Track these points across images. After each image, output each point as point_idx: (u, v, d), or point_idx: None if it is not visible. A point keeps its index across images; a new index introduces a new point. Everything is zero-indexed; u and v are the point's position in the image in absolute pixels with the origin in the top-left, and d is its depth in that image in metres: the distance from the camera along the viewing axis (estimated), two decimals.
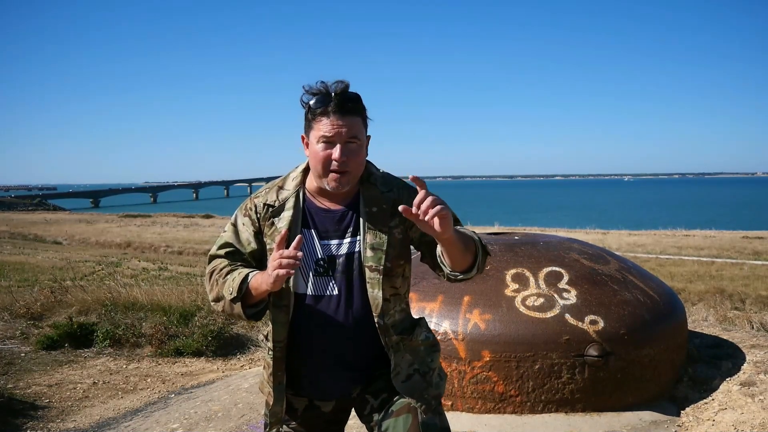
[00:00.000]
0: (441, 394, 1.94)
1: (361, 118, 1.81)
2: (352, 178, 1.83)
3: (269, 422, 1.95)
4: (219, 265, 1.88)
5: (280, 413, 1.93)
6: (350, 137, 1.77)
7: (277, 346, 1.87)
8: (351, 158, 1.79)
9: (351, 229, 1.87)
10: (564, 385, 3.57)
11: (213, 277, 1.86)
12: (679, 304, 4.27)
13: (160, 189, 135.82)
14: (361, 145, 1.81)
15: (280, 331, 1.86)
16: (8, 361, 5.45)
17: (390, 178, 1.95)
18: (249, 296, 1.78)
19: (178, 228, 39.50)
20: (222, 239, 1.93)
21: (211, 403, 4.43)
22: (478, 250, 1.80)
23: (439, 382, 1.95)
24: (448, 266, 1.78)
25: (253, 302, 1.80)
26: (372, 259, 1.83)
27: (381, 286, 1.83)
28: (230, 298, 1.77)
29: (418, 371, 1.90)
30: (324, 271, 1.86)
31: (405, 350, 1.90)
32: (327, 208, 1.88)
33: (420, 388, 1.88)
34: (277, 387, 1.90)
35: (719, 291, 13.59)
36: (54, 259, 20.56)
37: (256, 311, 1.83)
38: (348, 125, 1.77)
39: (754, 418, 3.47)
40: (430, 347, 1.97)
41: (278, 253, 1.66)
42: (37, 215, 56.08)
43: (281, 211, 1.87)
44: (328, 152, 1.77)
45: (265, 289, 1.71)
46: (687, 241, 26.58)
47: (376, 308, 1.84)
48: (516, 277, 3.88)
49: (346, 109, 1.77)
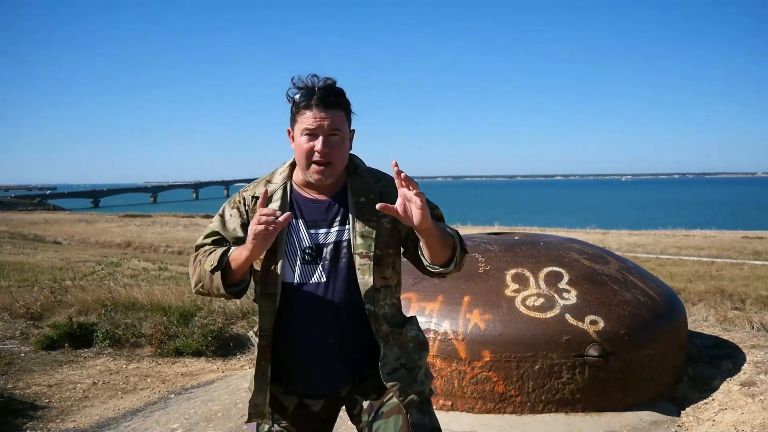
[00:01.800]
0: (425, 392, 1.93)
1: (344, 112, 1.86)
2: (335, 170, 1.86)
3: (249, 413, 1.93)
4: (203, 250, 1.91)
5: (262, 406, 1.91)
6: (332, 130, 1.82)
7: (263, 334, 1.88)
8: (333, 150, 1.83)
9: (339, 218, 1.90)
10: (564, 386, 3.57)
11: (196, 260, 1.89)
12: (679, 304, 4.27)
13: (160, 189, 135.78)
14: (343, 138, 1.86)
15: (266, 320, 1.87)
16: (8, 361, 5.45)
17: (377, 171, 2.00)
18: (230, 272, 1.80)
19: (178, 228, 39.49)
20: (208, 229, 1.96)
21: (211, 403, 4.43)
22: (456, 246, 1.86)
23: (425, 381, 1.95)
24: (428, 258, 1.84)
25: (234, 280, 1.82)
26: (362, 246, 1.86)
27: (372, 273, 1.85)
28: (210, 269, 1.80)
29: (405, 366, 1.90)
30: (311, 259, 1.88)
31: (394, 343, 1.91)
32: (315, 198, 1.92)
33: (404, 383, 1.88)
34: (260, 377, 1.90)
35: (719, 291, 13.58)
36: (54, 259, 20.55)
37: (237, 290, 1.85)
38: (330, 118, 1.81)
39: (755, 419, 3.47)
40: (419, 345, 1.97)
41: (259, 211, 1.70)
42: (37, 215, 56.05)
43: (269, 203, 1.89)
44: (311, 144, 1.82)
45: (245, 255, 1.74)
46: (687, 241, 26.57)
47: (366, 294, 1.85)
48: (516, 277, 3.88)
49: (328, 102, 1.81)
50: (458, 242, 1.87)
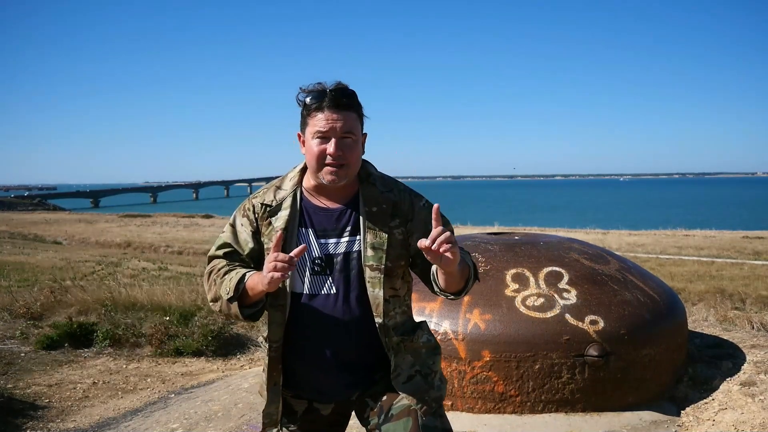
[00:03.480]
0: (442, 397, 1.93)
1: (356, 115, 1.82)
2: (349, 172, 1.82)
3: (263, 423, 1.93)
4: (217, 265, 1.88)
5: (275, 415, 1.91)
6: (345, 132, 1.78)
7: (273, 346, 1.86)
8: (346, 153, 1.79)
9: (350, 228, 1.86)
10: (564, 385, 3.57)
11: (211, 277, 1.87)
12: (680, 304, 4.27)
13: (160, 189, 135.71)
14: (356, 140, 1.81)
15: (276, 331, 1.85)
16: (8, 361, 5.44)
17: (390, 179, 1.95)
18: (246, 296, 1.78)
19: (178, 228, 39.47)
20: (221, 240, 1.93)
21: (211, 403, 4.43)
22: (470, 277, 1.85)
23: (441, 385, 1.94)
24: (441, 286, 1.82)
25: (250, 302, 1.80)
26: (373, 258, 1.82)
27: (382, 286, 1.82)
28: (227, 298, 1.77)
29: (420, 372, 1.89)
30: (321, 270, 1.85)
31: (406, 351, 1.89)
32: (325, 206, 1.88)
33: (421, 390, 1.87)
34: (272, 388, 1.89)
35: (719, 291, 13.57)
36: (54, 259, 20.55)
37: (253, 312, 1.82)
38: (343, 120, 1.77)
39: (755, 418, 3.47)
40: (432, 350, 1.96)
41: (273, 255, 1.65)
42: (37, 215, 56.02)
43: (278, 211, 1.86)
44: (323, 147, 1.78)
45: (261, 289, 1.71)
46: (687, 241, 26.57)
47: (376, 308, 1.83)
48: (516, 277, 3.88)
49: (340, 104, 1.77)
50: (473, 273, 1.85)
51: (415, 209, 1.90)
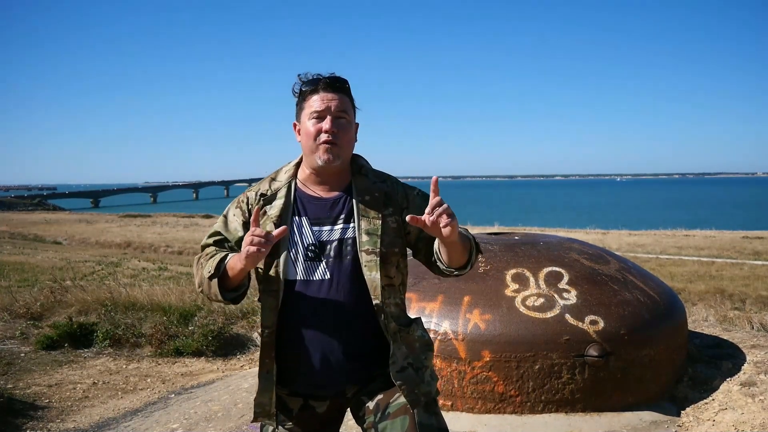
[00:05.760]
0: (431, 393, 1.93)
1: (350, 100, 1.90)
2: (342, 153, 1.87)
3: (255, 412, 1.93)
4: (206, 252, 1.94)
5: (268, 405, 1.90)
6: (340, 111, 1.85)
7: (266, 331, 1.87)
8: (341, 132, 1.85)
9: (344, 216, 1.90)
10: (564, 385, 3.57)
11: (199, 261, 1.92)
12: (680, 304, 4.27)
13: (160, 189, 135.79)
14: (350, 122, 1.88)
15: (268, 317, 1.87)
16: (8, 361, 5.44)
17: (382, 172, 2.01)
18: (227, 278, 1.82)
19: (178, 228, 39.49)
20: (212, 229, 1.99)
21: (211, 403, 4.43)
22: (473, 249, 1.89)
23: (431, 382, 1.94)
24: (445, 263, 1.86)
25: (232, 286, 1.84)
26: (368, 243, 1.86)
27: (379, 269, 1.85)
28: (207, 276, 1.81)
29: (412, 365, 1.90)
30: (314, 256, 1.87)
31: (402, 342, 1.90)
32: (319, 196, 1.92)
33: (412, 383, 1.87)
34: (264, 375, 1.89)
35: (719, 291, 13.58)
36: (54, 259, 20.56)
37: (235, 295, 1.86)
38: (338, 99, 1.85)
39: (755, 419, 3.47)
40: (425, 345, 1.98)
41: (251, 230, 1.70)
42: (37, 215, 56.05)
43: (273, 200, 1.91)
44: (319, 126, 1.84)
45: (240, 267, 1.75)
46: (687, 241, 26.58)
47: (374, 290, 1.84)
48: (516, 277, 3.88)
49: (335, 86, 1.86)
50: (474, 244, 1.90)
51: (410, 198, 1.96)
